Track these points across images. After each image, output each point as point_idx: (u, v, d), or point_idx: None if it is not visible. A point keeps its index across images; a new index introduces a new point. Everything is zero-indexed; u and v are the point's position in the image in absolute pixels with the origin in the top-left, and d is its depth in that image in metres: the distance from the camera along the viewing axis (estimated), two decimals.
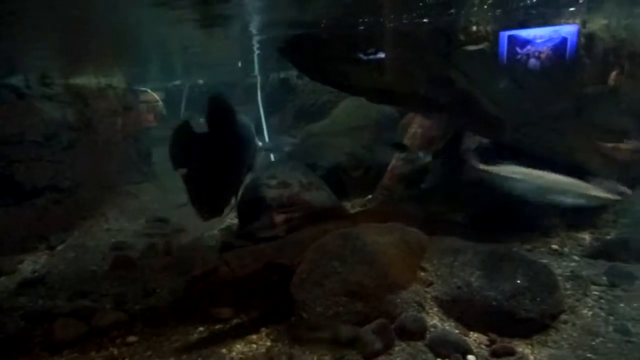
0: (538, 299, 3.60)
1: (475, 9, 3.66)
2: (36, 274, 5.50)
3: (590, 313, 3.68)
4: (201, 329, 4.00)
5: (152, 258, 5.85)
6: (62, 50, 6.29)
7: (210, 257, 5.18)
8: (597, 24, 4.17)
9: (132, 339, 3.91)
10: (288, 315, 3.81)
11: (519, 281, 3.69)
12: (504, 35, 3.93)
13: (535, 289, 3.64)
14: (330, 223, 4.68)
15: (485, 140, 6.47)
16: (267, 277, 3.87)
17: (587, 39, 4.15)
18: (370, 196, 7.47)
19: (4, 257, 5.65)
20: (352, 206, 7.23)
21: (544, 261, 4.31)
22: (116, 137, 8.60)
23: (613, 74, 4.24)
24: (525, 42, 3.95)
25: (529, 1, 3.85)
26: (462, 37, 3.90)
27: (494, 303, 3.63)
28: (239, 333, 3.88)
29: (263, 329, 3.88)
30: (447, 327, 3.69)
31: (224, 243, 6.09)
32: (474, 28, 3.88)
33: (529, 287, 3.64)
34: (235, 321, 4.06)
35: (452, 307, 3.83)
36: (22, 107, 6.26)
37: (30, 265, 5.77)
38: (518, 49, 3.97)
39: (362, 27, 4.17)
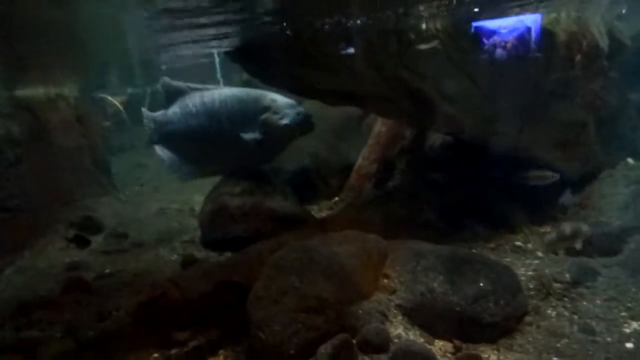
0: (502, 302, 3.52)
1: (423, 7, 3.53)
2: None
3: (554, 313, 3.62)
4: (156, 355, 3.76)
5: (108, 277, 5.56)
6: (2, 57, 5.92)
7: (159, 279, 4.92)
8: (547, 17, 4.10)
9: None
10: (246, 336, 3.64)
11: (481, 284, 3.60)
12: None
13: (499, 291, 3.56)
14: (289, 234, 4.51)
15: (449, 138, 6.42)
16: (221, 296, 3.67)
17: (539, 34, 4.07)
18: (337, 198, 7.34)
19: None
20: (319, 209, 7.08)
21: (507, 260, 4.25)
22: (70, 149, 8.18)
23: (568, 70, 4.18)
24: (491, 32, 3.86)
25: None
26: (412, 36, 3.77)
27: (458, 309, 3.53)
28: (196, 356, 3.67)
29: (221, 351, 3.70)
30: (411, 337, 3.57)
31: (184, 257, 5.86)
32: (424, 26, 3.75)
33: (492, 290, 3.56)
34: (192, 344, 3.83)
35: (416, 315, 3.71)
36: None
37: None
38: (485, 40, 3.87)
39: (313, 29, 3.98)
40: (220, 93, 6.02)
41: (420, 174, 6.40)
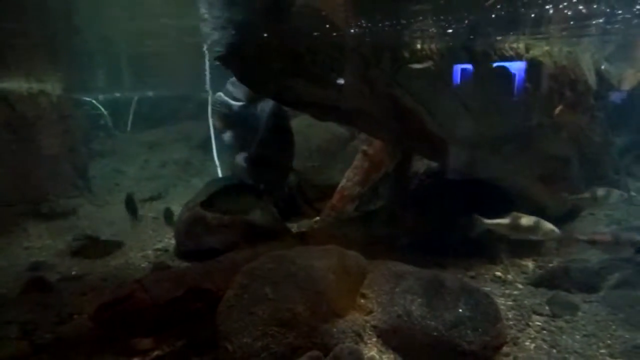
0: (480, 330, 3.42)
1: (420, 25, 3.55)
2: None
3: (532, 345, 3.53)
4: None
5: (73, 280, 5.31)
6: None
7: (125, 280, 4.71)
8: (540, 49, 4.18)
9: None
10: (214, 347, 3.45)
11: (460, 310, 3.50)
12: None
13: (477, 318, 3.46)
14: (266, 245, 4.37)
15: (434, 164, 6.43)
16: (190, 303, 3.49)
17: (530, 65, 4.14)
18: (317, 217, 7.24)
19: None
20: (298, 227, 6.96)
21: (487, 289, 4.17)
22: (48, 147, 7.95)
23: (556, 103, 4.23)
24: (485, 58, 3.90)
25: (473, 22, 3.79)
26: (406, 55, 3.78)
27: (435, 333, 3.41)
28: None
29: None
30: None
31: (156, 264, 5.64)
32: (419, 46, 3.77)
33: (470, 317, 3.45)
34: (155, 353, 3.64)
35: (391, 337, 3.58)
36: None
37: None
38: (478, 65, 3.92)
39: (308, 39, 3.97)
40: None
41: (402, 198, 6.37)
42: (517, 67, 4.06)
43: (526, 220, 4.00)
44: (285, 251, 3.76)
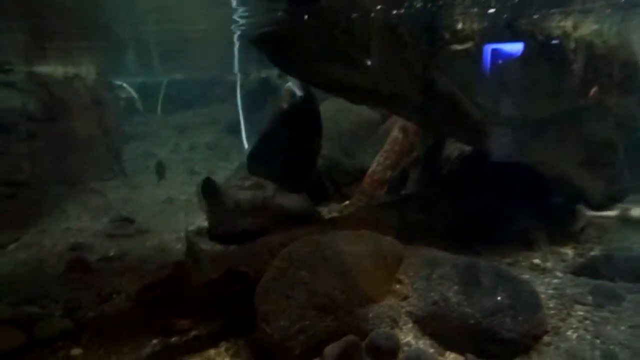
0: (520, 318, 3.35)
1: (461, 5, 3.42)
2: None
3: (575, 335, 3.44)
4: (155, 341, 3.64)
5: (111, 260, 5.46)
6: (26, 32, 5.89)
7: (166, 262, 4.82)
8: (588, 28, 3.98)
9: (76, 351, 3.53)
10: (250, 329, 3.50)
11: (499, 298, 3.43)
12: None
13: (517, 307, 3.38)
14: (301, 229, 4.37)
15: (467, 148, 6.28)
16: (228, 285, 3.54)
17: (578, 44, 3.95)
18: (347, 202, 7.21)
19: None
20: (328, 212, 6.95)
21: (526, 276, 4.08)
22: (83, 130, 8.14)
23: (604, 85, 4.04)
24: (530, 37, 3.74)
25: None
26: (447, 36, 3.66)
27: (472, 321, 3.36)
28: (196, 347, 3.54)
29: (223, 342, 3.55)
30: (421, 346, 3.41)
31: (189, 247, 5.73)
32: (460, 26, 3.64)
33: (510, 305, 3.38)
34: (192, 333, 3.71)
35: (427, 324, 3.55)
36: None
37: None
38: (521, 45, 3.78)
39: (344, 20, 3.88)
40: None
41: (435, 183, 6.27)
42: (562, 47, 3.88)
43: (636, 211, 3.86)
44: (321, 236, 3.76)
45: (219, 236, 6.03)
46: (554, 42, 3.75)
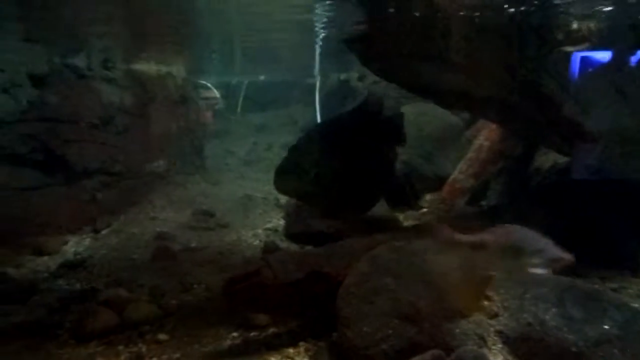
0: (629, 352, 3.00)
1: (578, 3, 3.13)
2: (78, 256, 5.43)
3: None
4: (235, 334, 3.69)
5: (192, 251, 5.66)
6: (125, 33, 6.29)
7: (253, 257, 4.89)
8: None
9: (162, 337, 3.66)
10: (330, 331, 3.44)
11: (606, 327, 3.10)
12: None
13: (628, 338, 3.03)
14: (383, 234, 4.25)
15: (561, 160, 5.82)
16: (310, 286, 3.50)
17: None
18: (425, 209, 6.97)
19: (49, 236, 5.64)
20: (404, 218, 6.76)
21: (635, 305, 3.66)
22: (171, 126, 8.58)
23: None
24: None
25: None
26: (559, 36, 3.38)
27: (574, 349, 3.05)
28: (275, 344, 3.53)
29: (302, 342, 3.51)
30: None
31: (267, 244, 5.82)
32: (575, 26, 3.34)
33: (619, 336, 3.04)
34: (271, 330, 3.72)
35: (519, 346, 3.27)
36: (81, 88, 6.28)
37: (73, 246, 5.73)
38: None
39: (442, 19, 3.72)
40: None
41: (525, 196, 5.87)
42: None
43: None
44: (407, 242, 3.61)
45: (295, 235, 6.07)
46: None
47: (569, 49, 3.36)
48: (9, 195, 5.47)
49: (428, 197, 7.10)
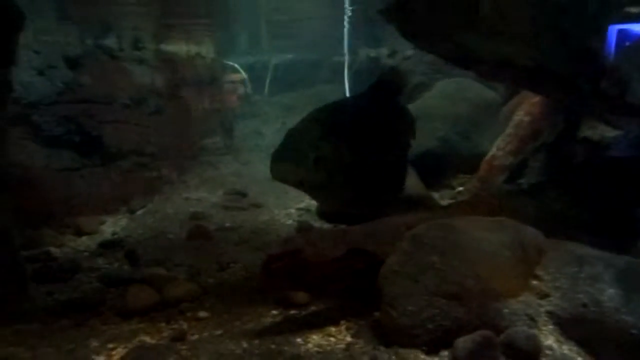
0: None
1: None
2: (115, 236, 5.51)
3: None
4: (275, 312, 3.66)
5: (227, 231, 5.67)
6: (156, 13, 6.26)
7: (291, 235, 4.84)
8: None
9: (203, 314, 3.66)
10: (372, 310, 3.36)
11: None
12: None
13: None
14: (423, 212, 4.12)
15: (609, 134, 5.52)
16: (351, 263, 3.41)
17: None
18: (461, 188, 6.79)
19: (87, 217, 5.73)
20: (440, 197, 6.60)
21: None
22: (201, 107, 8.58)
23: None
24: None
25: None
26: None
27: (634, 331, 2.90)
28: (316, 323, 3.47)
29: (343, 321, 3.44)
30: (566, 352, 3.02)
31: (300, 223, 5.77)
32: None
33: None
34: (312, 308, 3.67)
35: (573, 328, 3.13)
36: (113, 69, 6.29)
37: (110, 227, 5.82)
38: None
39: None
40: None
41: (571, 172, 5.61)
42: None
43: None
44: (453, 219, 3.48)
45: (328, 214, 6.00)
46: None
47: (633, 9, 3.10)
48: (49, 176, 5.56)
49: (464, 175, 6.90)
